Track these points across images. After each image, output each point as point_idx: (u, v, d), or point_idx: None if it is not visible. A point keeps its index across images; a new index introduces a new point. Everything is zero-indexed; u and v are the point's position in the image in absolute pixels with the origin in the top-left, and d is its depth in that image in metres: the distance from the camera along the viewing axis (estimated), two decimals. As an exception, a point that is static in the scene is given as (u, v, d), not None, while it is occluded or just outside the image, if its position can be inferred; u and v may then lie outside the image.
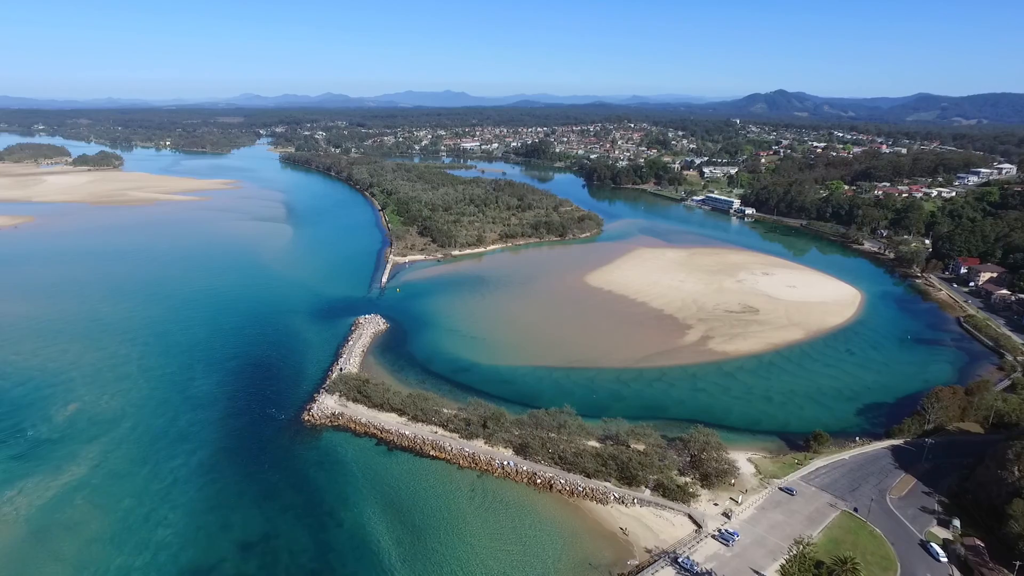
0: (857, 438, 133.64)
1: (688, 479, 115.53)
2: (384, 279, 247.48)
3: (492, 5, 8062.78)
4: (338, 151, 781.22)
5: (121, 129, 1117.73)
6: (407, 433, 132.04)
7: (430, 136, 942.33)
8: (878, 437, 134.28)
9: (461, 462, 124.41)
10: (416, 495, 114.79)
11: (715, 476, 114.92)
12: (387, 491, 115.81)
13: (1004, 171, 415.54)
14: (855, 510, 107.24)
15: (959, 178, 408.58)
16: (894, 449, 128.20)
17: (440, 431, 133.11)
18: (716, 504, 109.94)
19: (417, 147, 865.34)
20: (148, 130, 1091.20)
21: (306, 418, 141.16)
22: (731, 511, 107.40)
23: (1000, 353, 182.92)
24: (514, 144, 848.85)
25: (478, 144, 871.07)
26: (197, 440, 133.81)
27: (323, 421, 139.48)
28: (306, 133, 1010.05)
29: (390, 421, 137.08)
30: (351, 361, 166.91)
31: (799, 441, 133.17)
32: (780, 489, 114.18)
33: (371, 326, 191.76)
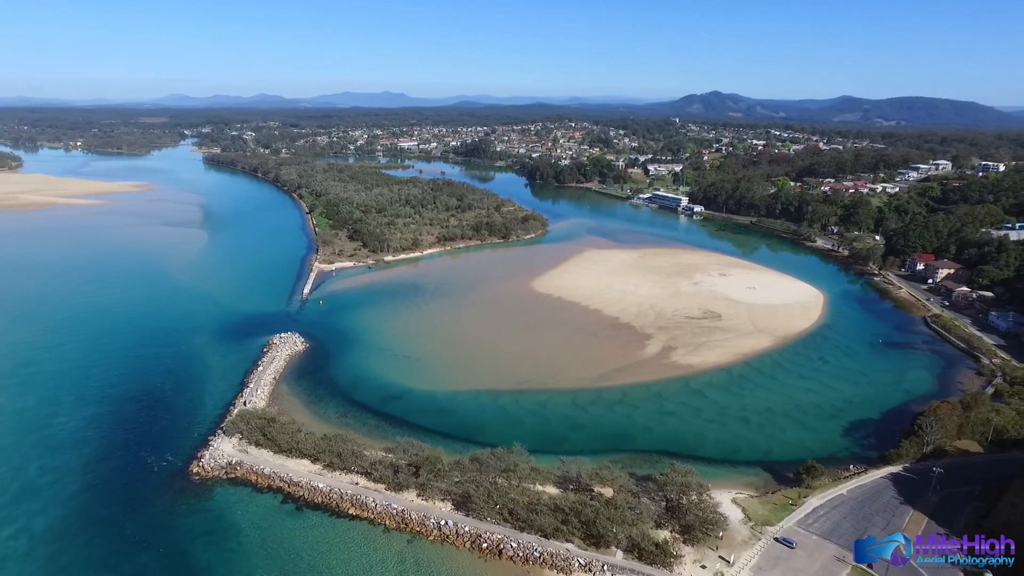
0: (851, 466, 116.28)
1: (667, 534, 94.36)
2: (306, 290, 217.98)
3: (429, 6, 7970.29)
4: (267, 151, 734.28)
5: (28, 129, 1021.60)
6: (321, 486, 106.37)
7: (366, 136, 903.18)
8: (873, 463, 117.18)
9: (387, 522, 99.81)
10: (330, 572, 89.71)
11: (699, 528, 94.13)
12: (292, 569, 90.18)
13: (940, 167, 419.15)
14: (869, 565, 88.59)
15: (900, 174, 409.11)
16: (895, 478, 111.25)
17: (362, 481, 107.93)
18: (704, 567, 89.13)
19: (352, 147, 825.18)
20: (59, 130, 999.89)
21: (195, 469, 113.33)
22: None
23: (975, 356, 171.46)
24: (454, 144, 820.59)
25: (416, 144, 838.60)
26: (47, 496, 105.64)
27: (216, 472, 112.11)
28: (234, 133, 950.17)
29: (301, 471, 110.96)
30: (259, 392, 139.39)
31: (787, 473, 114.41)
32: (776, 540, 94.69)
33: (286, 347, 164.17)
